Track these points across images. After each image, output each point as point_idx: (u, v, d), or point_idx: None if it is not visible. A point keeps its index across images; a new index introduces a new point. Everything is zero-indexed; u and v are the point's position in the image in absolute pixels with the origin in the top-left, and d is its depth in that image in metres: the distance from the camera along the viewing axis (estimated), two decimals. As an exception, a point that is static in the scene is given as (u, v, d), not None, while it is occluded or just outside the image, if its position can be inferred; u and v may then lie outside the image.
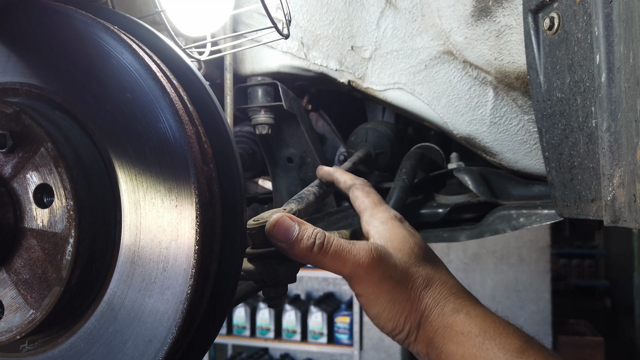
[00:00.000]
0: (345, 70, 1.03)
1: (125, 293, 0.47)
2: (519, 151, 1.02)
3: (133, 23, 0.54)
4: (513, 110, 0.98)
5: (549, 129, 0.77)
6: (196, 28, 0.78)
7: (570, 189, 0.73)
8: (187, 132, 0.47)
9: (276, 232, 0.59)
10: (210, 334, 0.51)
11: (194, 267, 0.45)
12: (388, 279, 0.59)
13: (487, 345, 0.55)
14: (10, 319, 0.47)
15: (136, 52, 0.48)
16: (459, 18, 0.92)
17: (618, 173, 0.57)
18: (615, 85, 0.57)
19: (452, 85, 0.98)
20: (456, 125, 1.02)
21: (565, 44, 0.69)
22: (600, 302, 6.27)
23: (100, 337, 0.48)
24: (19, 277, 0.47)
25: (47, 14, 0.51)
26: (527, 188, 1.07)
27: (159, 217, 0.47)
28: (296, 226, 0.58)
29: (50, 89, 0.51)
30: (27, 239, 0.47)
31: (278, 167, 1.21)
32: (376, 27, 0.99)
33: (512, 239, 3.80)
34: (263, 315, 4.14)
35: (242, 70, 1.06)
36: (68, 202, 0.45)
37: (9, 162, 0.47)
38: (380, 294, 0.59)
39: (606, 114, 0.57)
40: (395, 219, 0.67)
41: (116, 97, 0.48)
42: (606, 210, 0.58)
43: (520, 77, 0.92)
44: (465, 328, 0.57)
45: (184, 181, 0.46)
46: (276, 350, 4.56)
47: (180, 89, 0.50)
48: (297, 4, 1.00)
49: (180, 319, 0.45)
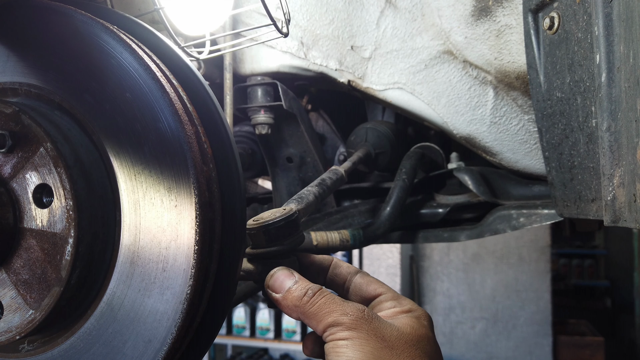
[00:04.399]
0: (345, 70, 1.03)
1: (124, 293, 0.47)
2: (519, 151, 1.02)
3: (132, 23, 0.54)
4: (513, 110, 0.98)
5: (549, 128, 0.77)
6: (195, 27, 0.78)
7: (570, 188, 0.73)
8: (187, 132, 0.46)
9: (272, 282, 0.57)
10: (210, 334, 0.51)
11: (194, 267, 0.45)
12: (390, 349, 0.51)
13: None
14: (9, 319, 0.47)
15: (136, 52, 0.48)
16: (459, 18, 0.92)
17: (618, 173, 0.57)
18: (615, 84, 0.57)
19: (452, 85, 0.98)
20: (456, 125, 1.02)
21: (565, 43, 0.69)
22: (601, 302, 6.27)
23: (100, 337, 0.48)
24: (19, 278, 0.47)
25: (46, 13, 0.51)
26: (527, 188, 1.07)
27: (158, 217, 0.47)
28: (293, 279, 0.56)
29: (50, 88, 0.51)
30: (26, 239, 0.47)
31: (278, 167, 1.21)
32: (376, 26, 0.99)
33: (512, 239, 3.80)
34: (263, 315, 4.14)
35: (242, 70, 1.06)
36: (67, 202, 0.45)
37: (9, 162, 0.47)
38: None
39: (606, 114, 0.57)
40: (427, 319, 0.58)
41: (116, 97, 0.48)
42: (606, 210, 0.58)
43: (520, 76, 0.91)
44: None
45: (184, 181, 0.46)
46: (276, 351, 4.56)
47: (180, 89, 0.50)
48: (296, 3, 0.99)
49: (180, 319, 0.45)
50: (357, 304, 0.54)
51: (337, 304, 0.53)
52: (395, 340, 0.52)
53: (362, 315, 0.52)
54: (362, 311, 0.52)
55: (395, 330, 0.53)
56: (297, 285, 0.55)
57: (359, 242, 0.85)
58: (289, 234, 0.66)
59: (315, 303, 0.54)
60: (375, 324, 0.52)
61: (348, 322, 0.51)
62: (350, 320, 0.51)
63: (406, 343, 0.52)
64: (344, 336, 0.51)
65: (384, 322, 0.53)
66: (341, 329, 0.51)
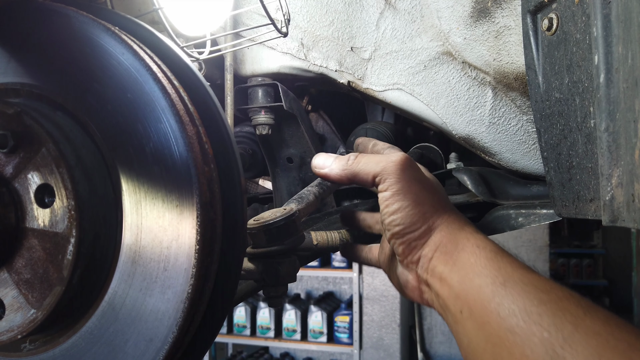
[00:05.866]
0: (345, 71, 1.03)
1: (126, 292, 0.48)
2: (518, 151, 1.02)
3: (133, 24, 0.54)
4: (512, 111, 0.98)
5: (548, 129, 0.77)
6: (195, 27, 0.78)
7: (568, 188, 0.74)
8: (188, 133, 0.47)
9: (317, 162, 0.68)
10: (211, 333, 0.52)
11: (195, 267, 0.45)
12: (418, 181, 0.60)
13: (499, 258, 0.52)
14: (11, 319, 0.48)
15: (137, 53, 0.48)
16: (458, 19, 0.92)
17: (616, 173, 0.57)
18: (613, 85, 0.57)
19: (451, 85, 0.99)
20: (455, 125, 1.02)
21: (564, 44, 0.69)
22: (599, 301, 6.28)
23: (102, 337, 0.48)
24: (20, 277, 0.47)
25: (48, 15, 0.51)
26: (525, 188, 1.07)
27: (159, 216, 0.47)
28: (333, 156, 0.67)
29: (52, 89, 0.51)
30: (28, 238, 0.47)
31: (278, 167, 1.21)
32: (375, 28, 0.99)
33: (510, 239, 3.80)
34: (263, 314, 4.15)
35: (243, 71, 1.07)
36: (69, 202, 0.45)
37: (10, 163, 0.48)
38: (408, 192, 0.59)
39: (605, 114, 0.58)
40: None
41: (117, 98, 0.48)
42: (604, 210, 0.58)
43: (519, 77, 0.92)
44: (482, 244, 0.54)
45: (185, 181, 0.46)
46: (276, 349, 4.56)
47: (181, 90, 0.50)
48: (297, 5, 1.00)
49: (181, 318, 0.45)
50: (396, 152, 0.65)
51: (379, 156, 0.63)
52: (430, 181, 0.62)
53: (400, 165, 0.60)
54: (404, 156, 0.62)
55: (428, 176, 0.65)
56: (338, 157, 0.66)
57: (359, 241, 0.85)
58: (289, 233, 0.67)
59: (360, 162, 0.63)
60: (416, 172, 0.62)
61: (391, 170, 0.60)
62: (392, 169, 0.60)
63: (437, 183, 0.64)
64: (391, 184, 0.59)
65: (417, 169, 0.63)
66: (387, 176, 0.60)
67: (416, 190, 0.59)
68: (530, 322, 0.43)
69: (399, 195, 0.58)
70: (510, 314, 0.44)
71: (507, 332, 0.44)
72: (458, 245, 0.55)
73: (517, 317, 0.44)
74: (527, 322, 0.43)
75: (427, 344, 4.16)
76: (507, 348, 0.43)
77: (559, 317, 0.42)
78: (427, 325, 4.18)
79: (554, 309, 0.43)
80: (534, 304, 0.44)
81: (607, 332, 0.40)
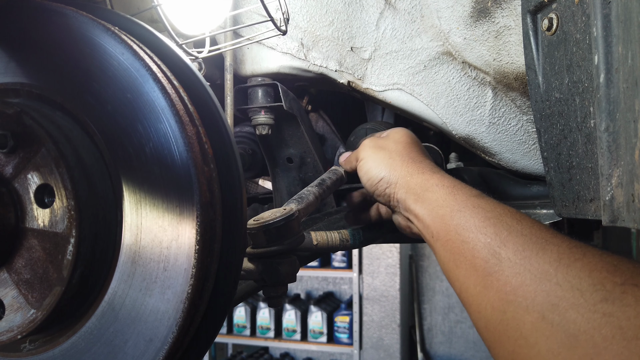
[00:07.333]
0: (344, 71, 1.03)
1: (126, 292, 0.48)
2: (518, 151, 1.02)
3: (132, 23, 0.54)
4: (512, 111, 0.98)
5: (548, 129, 0.77)
6: (194, 25, 0.78)
7: (568, 188, 0.74)
8: (188, 133, 0.47)
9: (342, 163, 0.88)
10: (211, 333, 0.52)
11: (195, 267, 0.45)
12: (378, 149, 0.77)
13: (456, 191, 0.65)
14: (11, 319, 0.48)
15: (137, 52, 0.48)
16: (458, 19, 0.92)
17: (616, 173, 0.57)
18: (613, 85, 0.57)
19: (451, 85, 0.99)
20: (455, 125, 1.02)
21: (564, 44, 0.69)
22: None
23: (101, 337, 0.48)
24: (20, 277, 0.47)
25: (47, 14, 0.51)
26: (525, 188, 1.07)
27: (159, 216, 0.47)
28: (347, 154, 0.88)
29: (51, 89, 0.51)
30: (28, 239, 0.47)
31: (278, 167, 1.21)
32: (375, 28, 0.99)
33: (511, 239, 3.80)
34: (263, 314, 4.15)
35: (243, 71, 1.07)
36: (69, 202, 0.45)
37: (10, 163, 0.48)
38: (369, 159, 0.77)
39: (604, 114, 0.58)
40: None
41: (117, 98, 0.48)
42: (604, 210, 0.58)
43: (519, 77, 0.92)
44: (441, 182, 0.67)
45: (185, 181, 0.46)
46: (276, 350, 4.56)
47: (181, 90, 0.50)
48: (297, 5, 1.00)
49: (181, 319, 0.45)
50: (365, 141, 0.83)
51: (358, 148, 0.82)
52: (394, 145, 0.77)
53: (367, 143, 0.80)
54: (367, 142, 0.80)
55: (391, 140, 0.78)
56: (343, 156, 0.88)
57: (358, 241, 0.85)
58: (289, 233, 0.67)
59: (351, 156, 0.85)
60: (376, 142, 0.79)
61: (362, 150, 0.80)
62: (360, 148, 0.81)
63: (401, 144, 0.77)
64: (362, 157, 0.79)
65: (382, 139, 0.80)
66: (357, 154, 0.81)
67: (375, 157, 0.76)
68: (477, 233, 0.58)
69: (363, 162, 0.77)
70: (464, 230, 0.60)
71: (462, 242, 0.59)
72: (423, 186, 0.69)
73: (468, 231, 0.59)
74: (475, 233, 0.58)
75: (427, 344, 4.16)
76: (462, 254, 0.58)
77: (498, 227, 0.57)
78: (427, 326, 4.18)
79: (495, 222, 0.57)
80: (481, 220, 0.59)
81: (531, 234, 0.54)
